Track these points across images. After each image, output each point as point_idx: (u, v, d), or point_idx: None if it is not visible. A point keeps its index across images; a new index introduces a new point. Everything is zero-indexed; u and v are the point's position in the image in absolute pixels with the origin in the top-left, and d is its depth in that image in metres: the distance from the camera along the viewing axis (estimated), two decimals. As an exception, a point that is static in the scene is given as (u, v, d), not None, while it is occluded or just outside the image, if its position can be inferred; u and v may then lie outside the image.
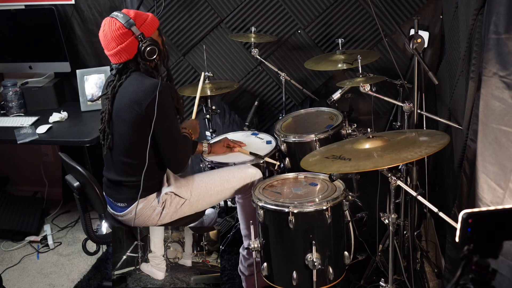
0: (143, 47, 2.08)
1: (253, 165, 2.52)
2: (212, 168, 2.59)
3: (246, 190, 2.42)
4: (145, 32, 2.10)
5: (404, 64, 3.01)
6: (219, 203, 3.28)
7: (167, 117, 2.11)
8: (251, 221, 2.17)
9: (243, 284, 2.58)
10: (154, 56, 2.12)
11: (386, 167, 1.84)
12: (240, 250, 2.56)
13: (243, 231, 2.55)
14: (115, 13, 2.10)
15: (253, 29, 2.99)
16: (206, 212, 2.96)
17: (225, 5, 3.13)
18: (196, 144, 2.54)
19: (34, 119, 3.16)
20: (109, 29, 2.07)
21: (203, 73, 2.87)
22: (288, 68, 3.18)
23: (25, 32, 3.32)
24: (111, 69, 2.21)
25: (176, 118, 2.23)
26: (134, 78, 2.13)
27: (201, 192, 2.33)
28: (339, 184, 2.22)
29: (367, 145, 1.99)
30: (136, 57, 2.12)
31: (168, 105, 2.11)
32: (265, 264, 2.20)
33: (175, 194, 2.27)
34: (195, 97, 2.78)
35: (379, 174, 2.12)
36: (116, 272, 2.04)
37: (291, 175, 2.40)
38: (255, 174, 2.43)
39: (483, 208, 1.05)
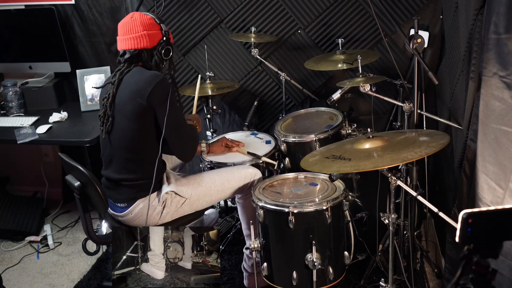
0: (164, 43, 2.18)
1: (252, 165, 2.53)
2: (211, 168, 2.59)
3: (246, 190, 2.43)
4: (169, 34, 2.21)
5: (404, 64, 3.01)
6: (219, 203, 3.29)
7: (171, 105, 2.12)
8: (251, 222, 2.17)
9: (245, 281, 2.59)
10: (167, 58, 2.21)
11: (386, 167, 1.84)
12: (244, 249, 2.56)
13: (245, 231, 2.56)
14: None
15: (253, 29, 2.99)
16: (207, 212, 2.96)
17: (225, 5, 3.13)
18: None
19: (34, 119, 3.16)
20: (140, 17, 2.16)
21: (199, 76, 2.85)
22: (288, 68, 3.18)
23: (25, 32, 3.32)
24: (121, 56, 2.21)
25: (179, 107, 2.24)
26: (135, 71, 2.16)
27: (201, 191, 2.33)
28: (339, 184, 2.22)
29: (367, 145, 1.99)
30: (152, 49, 2.18)
31: (171, 94, 2.12)
32: (265, 264, 2.20)
33: (176, 193, 2.27)
34: (194, 97, 2.78)
35: (379, 174, 2.12)
36: (116, 272, 2.04)
37: (291, 175, 2.40)
38: (255, 174, 2.44)
39: (483, 208, 1.06)
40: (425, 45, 2.80)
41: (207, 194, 2.35)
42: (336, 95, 2.70)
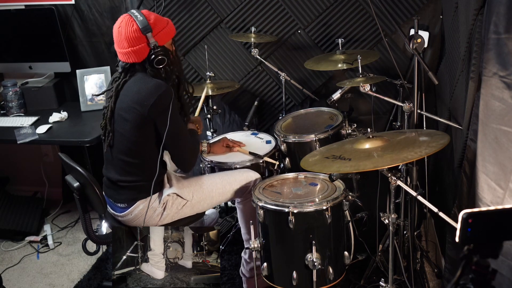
0: (153, 56, 2.08)
1: (252, 165, 2.52)
2: (212, 168, 2.59)
3: (246, 193, 2.42)
4: (159, 41, 2.09)
5: (404, 64, 3.01)
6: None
7: (172, 117, 2.09)
8: (251, 221, 2.17)
9: (244, 285, 2.58)
10: (162, 65, 2.11)
11: (386, 167, 1.84)
12: (242, 254, 2.55)
13: (244, 236, 2.55)
14: (135, 12, 2.08)
15: (253, 29, 2.99)
16: (207, 212, 2.96)
17: (225, 5, 3.13)
18: None
19: (34, 119, 3.16)
20: (125, 28, 2.06)
21: (204, 92, 2.84)
22: (288, 68, 3.18)
23: (25, 32, 3.31)
24: (117, 65, 2.20)
25: (180, 117, 2.23)
26: (138, 78, 2.13)
27: (203, 193, 2.33)
28: (339, 184, 2.22)
29: (367, 145, 1.99)
30: (144, 62, 2.11)
31: (172, 105, 2.10)
32: (265, 264, 2.20)
33: (177, 195, 2.27)
34: (195, 96, 2.78)
35: (379, 174, 2.12)
36: (116, 272, 2.04)
37: (291, 175, 2.40)
38: (256, 178, 2.44)
39: (483, 208, 1.05)
40: (425, 45, 2.80)
41: (208, 197, 2.35)
42: (336, 95, 2.70)
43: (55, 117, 3.15)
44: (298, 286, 2.11)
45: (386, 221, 2.12)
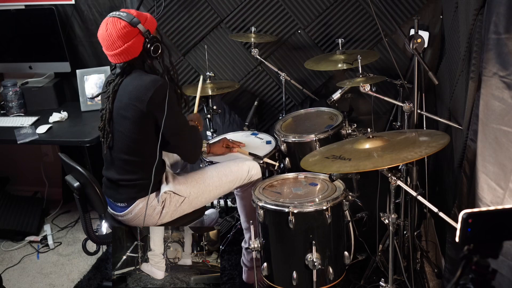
0: (149, 45, 2.08)
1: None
2: (211, 168, 2.59)
3: (244, 183, 2.42)
4: (150, 29, 2.10)
5: (404, 64, 3.01)
6: (219, 203, 3.28)
7: (171, 110, 2.09)
8: (251, 221, 2.17)
9: (244, 275, 2.59)
10: (159, 53, 2.12)
11: (386, 167, 1.84)
12: (242, 244, 2.56)
13: (244, 224, 2.56)
14: (116, 12, 2.09)
15: (253, 29, 2.99)
16: (207, 212, 2.96)
17: (225, 5, 3.13)
18: None
19: (34, 119, 3.16)
20: (113, 28, 2.05)
21: (201, 76, 2.86)
22: (288, 68, 3.18)
23: (25, 32, 3.32)
24: (113, 68, 2.20)
25: (180, 110, 2.23)
26: (135, 75, 2.13)
27: (200, 188, 2.33)
28: (339, 184, 2.22)
29: (367, 145, 1.99)
30: (141, 55, 2.11)
31: (170, 99, 2.10)
32: (265, 264, 2.20)
33: (174, 193, 2.27)
34: (195, 96, 2.78)
35: (379, 174, 2.12)
36: (116, 272, 2.04)
37: (291, 175, 2.40)
38: (253, 167, 2.43)
39: (483, 208, 1.05)
40: (425, 45, 2.80)
41: (205, 191, 2.34)
42: (336, 95, 2.70)
43: (55, 117, 3.15)
44: (298, 286, 2.12)
45: (386, 221, 2.12)
